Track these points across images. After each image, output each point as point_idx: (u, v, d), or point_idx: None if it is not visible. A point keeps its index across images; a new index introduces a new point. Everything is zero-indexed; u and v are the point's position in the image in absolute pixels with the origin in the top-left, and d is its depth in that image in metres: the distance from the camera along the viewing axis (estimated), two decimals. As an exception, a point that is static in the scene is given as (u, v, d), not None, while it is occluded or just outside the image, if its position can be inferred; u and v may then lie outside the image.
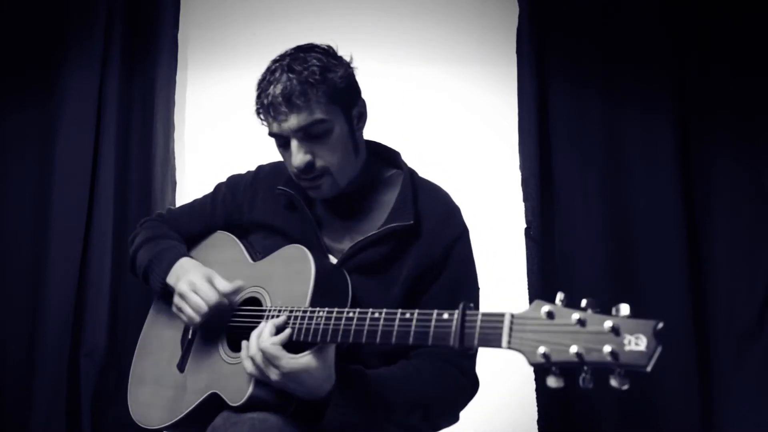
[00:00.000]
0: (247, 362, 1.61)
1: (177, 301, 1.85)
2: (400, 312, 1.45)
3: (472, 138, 3.02)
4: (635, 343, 1.11)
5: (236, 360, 1.73)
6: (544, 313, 1.21)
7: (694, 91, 2.82)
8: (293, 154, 1.78)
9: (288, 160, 1.83)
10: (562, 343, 1.18)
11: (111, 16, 3.03)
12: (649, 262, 2.77)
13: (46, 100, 3.04)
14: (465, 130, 3.03)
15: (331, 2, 3.10)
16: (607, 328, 1.14)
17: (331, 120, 1.78)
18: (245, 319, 1.80)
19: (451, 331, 1.34)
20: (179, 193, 3.08)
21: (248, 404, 1.64)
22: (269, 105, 1.76)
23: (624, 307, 1.16)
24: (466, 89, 3.04)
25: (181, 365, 1.89)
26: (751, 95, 2.78)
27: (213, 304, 1.78)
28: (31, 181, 3.02)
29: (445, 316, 1.37)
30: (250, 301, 1.84)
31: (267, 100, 1.76)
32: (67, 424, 2.82)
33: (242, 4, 3.15)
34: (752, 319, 2.72)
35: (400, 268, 1.82)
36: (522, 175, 2.86)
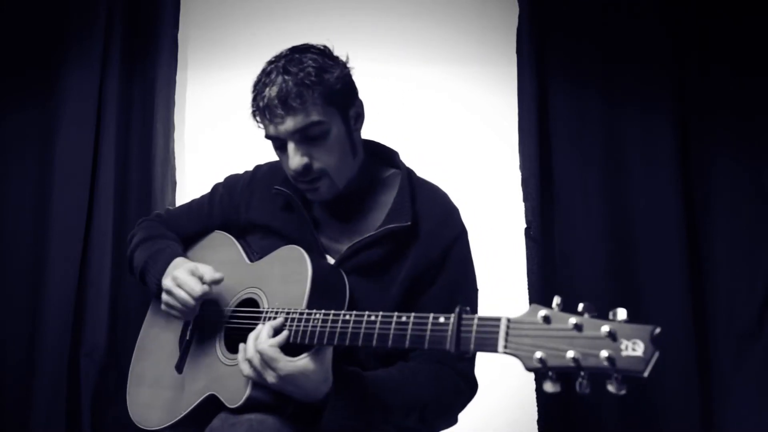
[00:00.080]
0: (244, 365, 1.61)
1: (164, 298, 1.84)
2: (397, 315, 1.45)
3: (472, 138, 3.01)
4: (632, 348, 1.11)
5: (234, 361, 1.73)
6: (540, 318, 1.21)
7: (694, 91, 2.81)
8: (290, 156, 1.77)
9: (285, 163, 1.82)
10: (559, 348, 1.17)
11: (111, 16, 3.03)
12: (649, 262, 2.77)
13: (46, 100, 3.04)
14: (465, 130, 3.02)
15: (331, 2, 3.09)
16: (604, 333, 1.13)
17: (328, 121, 1.76)
18: (242, 321, 1.79)
19: (448, 335, 1.33)
20: (179, 193, 3.08)
21: (246, 406, 1.64)
22: (265, 107, 1.75)
23: (621, 311, 1.15)
24: (466, 89, 3.03)
25: (180, 366, 1.89)
26: (751, 95, 2.77)
27: (198, 295, 1.77)
28: (31, 181, 3.02)
29: (442, 319, 1.36)
30: (248, 302, 1.84)
31: (263, 103, 1.75)
32: (67, 424, 2.82)
33: (242, 4, 3.15)
34: (752, 319, 2.72)
35: (399, 269, 1.81)
36: (522, 175, 2.85)
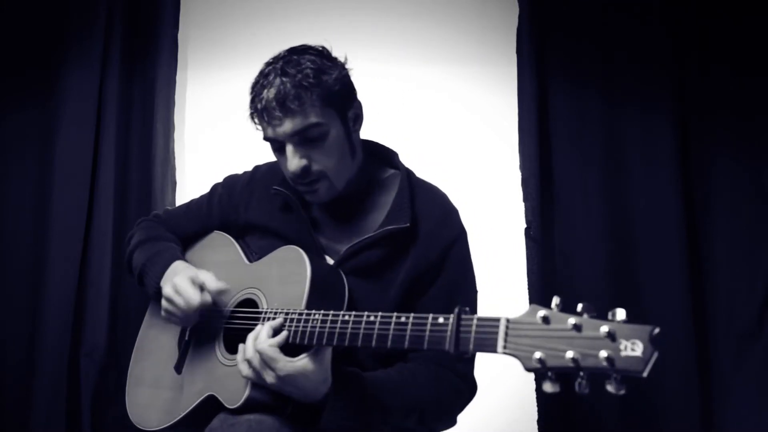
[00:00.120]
0: (243, 365, 1.60)
1: (164, 305, 1.84)
2: (396, 316, 1.44)
3: (472, 138, 3.01)
4: (631, 348, 1.11)
5: (233, 362, 1.73)
6: (539, 318, 1.21)
7: (694, 91, 2.81)
8: (289, 159, 1.76)
9: (284, 165, 1.81)
10: (558, 348, 1.17)
11: (111, 16, 3.02)
12: (649, 262, 2.76)
13: (46, 100, 3.03)
14: (465, 130, 3.02)
15: (331, 2, 3.09)
16: (603, 333, 1.14)
17: (327, 123, 1.75)
18: (241, 321, 1.79)
19: (447, 336, 1.33)
20: (179, 193, 3.07)
21: (245, 406, 1.64)
22: (263, 109, 1.74)
23: (620, 311, 1.15)
24: (466, 89, 3.03)
25: (179, 367, 1.89)
26: (751, 95, 2.77)
27: (196, 305, 1.76)
28: (31, 181, 3.01)
29: (441, 320, 1.36)
30: (247, 303, 1.84)
31: (260, 105, 1.74)
32: (67, 424, 2.82)
33: (242, 4, 3.15)
34: (752, 319, 2.72)
35: (398, 270, 1.80)
36: (522, 175, 2.85)
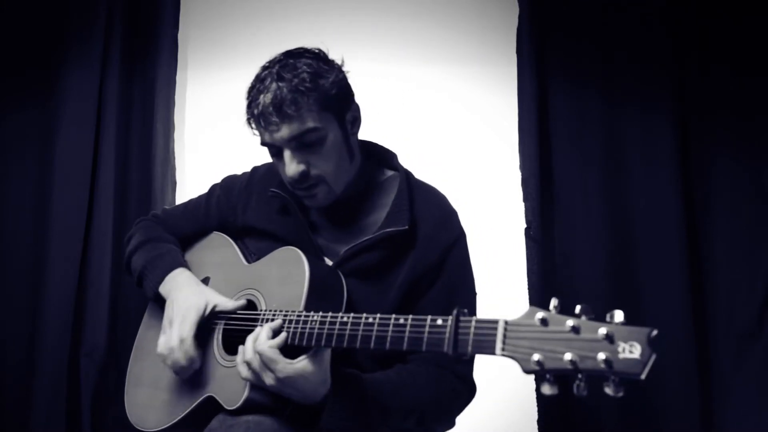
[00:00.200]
0: (243, 367, 1.60)
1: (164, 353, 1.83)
2: (394, 317, 1.44)
3: (472, 138, 3.01)
4: (629, 350, 1.11)
5: (231, 363, 1.73)
6: (537, 320, 1.21)
7: (694, 91, 2.81)
8: (287, 164, 1.75)
9: (282, 170, 1.80)
10: (556, 350, 1.17)
11: (111, 16, 3.02)
12: (649, 262, 2.77)
13: (46, 100, 3.03)
14: (465, 130, 3.02)
15: (332, 2, 3.09)
16: (601, 335, 1.14)
17: (324, 127, 1.74)
18: (240, 322, 1.79)
19: (445, 338, 1.33)
20: (179, 193, 3.07)
21: (244, 407, 1.64)
22: (260, 115, 1.72)
23: (618, 313, 1.15)
24: (466, 89, 3.03)
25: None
26: (751, 95, 2.77)
27: (186, 366, 1.78)
28: (31, 181, 3.01)
29: (439, 322, 1.36)
30: (246, 305, 1.84)
31: (257, 110, 1.73)
32: (67, 424, 2.82)
33: (242, 4, 3.15)
34: (752, 319, 2.72)
35: (397, 272, 1.80)
36: (522, 175, 2.85)
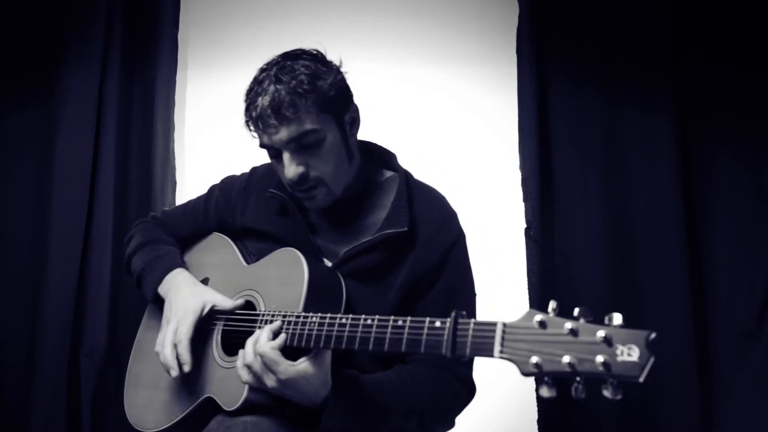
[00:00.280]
0: (243, 371, 1.59)
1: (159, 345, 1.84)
2: (393, 319, 1.44)
3: (472, 138, 3.01)
4: (628, 353, 1.11)
5: (230, 364, 1.73)
6: (536, 323, 1.21)
7: (694, 91, 2.80)
8: (286, 166, 1.75)
9: (281, 172, 1.80)
10: (555, 353, 1.17)
11: (111, 16, 3.02)
12: (649, 262, 2.76)
13: (46, 100, 3.03)
14: (465, 130, 3.02)
15: (332, 2, 3.09)
16: (600, 338, 1.14)
17: (323, 129, 1.74)
18: (239, 323, 1.79)
19: (444, 340, 1.33)
20: (179, 193, 3.07)
21: (243, 408, 1.63)
22: (258, 117, 1.72)
23: (617, 316, 1.15)
24: (466, 89, 3.03)
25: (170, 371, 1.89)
26: (751, 95, 2.77)
27: (176, 369, 1.78)
28: (31, 181, 3.01)
29: (438, 324, 1.36)
30: (244, 305, 1.84)
31: (255, 113, 1.72)
32: (67, 424, 2.82)
33: (242, 4, 3.14)
34: (752, 319, 2.72)
35: (397, 274, 1.80)
36: (522, 175, 2.85)
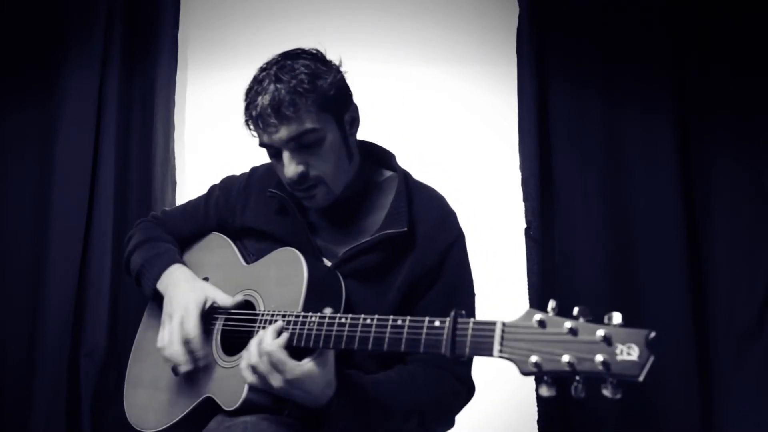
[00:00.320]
0: (247, 372, 1.57)
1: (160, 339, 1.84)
2: (392, 319, 1.44)
3: (472, 138, 3.01)
4: (627, 352, 1.11)
5: (230, 364, 1.73)
6: (535, 322, 1.21)
7: (694, 91, 2.81)
8: (285, 165, 1.75)
9: (281, 171, 1.80)
10: (554, 352, 1.17)
11: (111, 16, 3.02)
12: (649, 262, 2.76)
13: (46, 100, 3.03)
14: (465, 130, 3.02)
15: (332, 2, 3.09)
16: (599, 337, 1.14)
17: (323, 128, 1.74)
18: (239, 323, 1.79)
19: (443, 339, 1.33)
20: (179, 193, 3.08)
21: (243, 408, 1.63)
22: (258, 116, 1.72)
23: (616, 315, 1.15)
24: (466, 89, 3.03)
25: (176, 368, 1.88)
26: (751, 95, 2.77)
27: (181, 361, 1.78)
28: (31, 181, 3.01)
29: (437, 323, 1.36)
30: (244, 305, 1.84)
31: (255, 112, 1.72)
32: (67, 424, 2.82)
33: (242, 4, 3.14)
34: (752, 319, 2.72)
35: (396, 274, 1.80)
36: (522, 175, 2.85)
